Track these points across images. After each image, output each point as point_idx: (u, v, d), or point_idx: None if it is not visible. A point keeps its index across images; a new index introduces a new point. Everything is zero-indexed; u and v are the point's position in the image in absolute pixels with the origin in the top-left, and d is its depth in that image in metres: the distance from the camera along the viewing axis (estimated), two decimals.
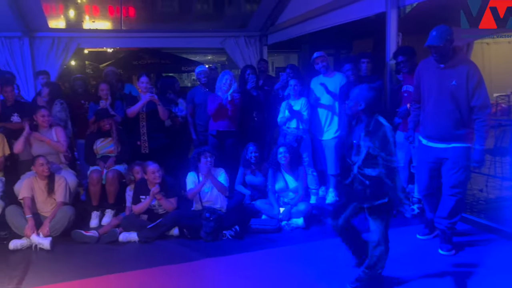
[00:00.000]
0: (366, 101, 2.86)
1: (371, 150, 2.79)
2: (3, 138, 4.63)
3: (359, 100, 2.87)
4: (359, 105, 2.87)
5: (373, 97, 2.88)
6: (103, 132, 4.90)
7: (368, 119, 2.88)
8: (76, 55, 7.44)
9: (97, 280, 3.44)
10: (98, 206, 4.75)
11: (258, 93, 5.47)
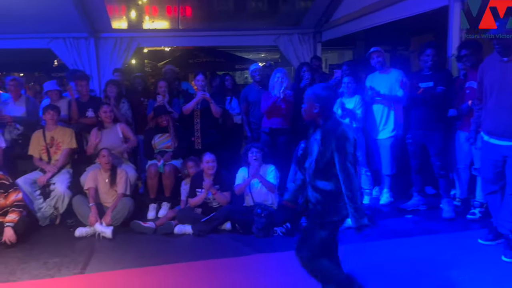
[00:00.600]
0: (321, 102, 2.52)
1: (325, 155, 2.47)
2: (72, 133, 4.98)
3: (313, 102, 2.53)
4: (314, 108, 2.52)
5: (329, 97, 2.56)
6: (161, 128, 5.13)
7: (324, 122, 2.53)
8: (136, 54, 7.78)
9: (154, 270, 3.60)
10: (155, 198, 4.98)
11: None
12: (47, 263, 3.76)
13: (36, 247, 4.14)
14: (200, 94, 5.11)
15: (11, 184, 4.36)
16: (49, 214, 4.70)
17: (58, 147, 4.90)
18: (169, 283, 3.38)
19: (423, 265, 3.48)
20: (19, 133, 5.11)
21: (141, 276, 3.50)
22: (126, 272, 3.59)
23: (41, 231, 4.58)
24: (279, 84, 5.05)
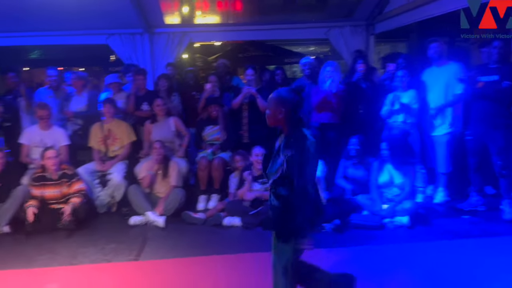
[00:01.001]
0: (287, 106, 2.31)
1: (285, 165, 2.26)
2: (128, 126, 5.20)
3: (278, 106, 2.32)
4: (279, 113, 2.32)
5: (295, 101, 2.33)
6: (212, 120, 5.22)
7: (290, 129, 2.32)
8: (187, 49, 7.94)
9: (204, 260, 3.69)
10: (205, 190, 5.09)
11: (367, 85, 5.27)
12: (104, 248, 3.96)
13: (95, 233, 4.39)
14: (245, 89, 5.18)
15: (74, 174, 4.64)
16: (106, 202, 4.95)
17: (115, 139, 5.14)
18: (218, 274, 3.44)
19: (481, 269, 3.31)
20: (80, 126, 5.40)
21: (191, 266, 3.60)
22: (177, 261, 3.71)
23: (98, 218, 4.84)
24: (329, 78, 4.97)
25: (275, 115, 2.33)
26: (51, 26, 6.49)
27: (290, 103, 2.31)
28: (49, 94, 5.48)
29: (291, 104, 2.31)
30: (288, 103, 2.31)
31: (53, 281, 3.38)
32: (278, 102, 2.33)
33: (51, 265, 3.67)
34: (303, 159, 2.20)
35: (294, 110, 2.32)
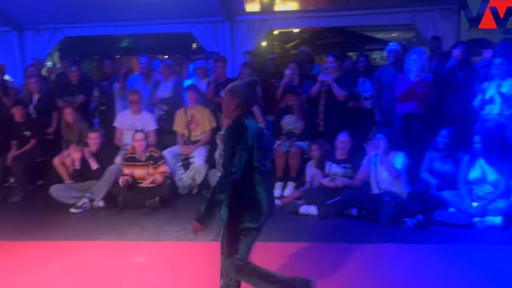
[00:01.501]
0: (239, 100, 2.33)
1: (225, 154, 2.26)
2: (210, 113, 5.38)
3: (231, 98, 2.34)
4: (231, 105, 2.34)
5: (247, 96, 2.34)
6: (290, 109, 5.22)
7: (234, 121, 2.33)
8: (265, 36, 7.96)
9: (279, 245, 3.73)
10: (281, 177, 5.12)
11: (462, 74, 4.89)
12: (186, 228, 4.16)
13: (177, 212, 4.64)
14: (320, 77, 5.10)
15: (160, 156, 4.93)
16: (188, 184, 5.20)
17: (197, 125, 5.35)
18: (292, 261, 3.46)
19: None
20: (165, 112, 5.69)
21: (266, 250, 3.62)
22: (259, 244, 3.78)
23: (181, 199, 5.10)
24: (417, 66, 4.69)
25: (228, 107, 2.38)
26: (140, 16, 6.90)
27: (243, 97, 2.34)
28: (139, 80, 5.84)
29: (244, 98, 2.34)
30: (241, 97, 2.34)
31: (140, 255, 3.64)
32: (232, 95, 2.36)
33: (139, 239, 3.96)
34: (236, 149, 2.21)
35: (246, 104, 2.35)
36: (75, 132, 5.34)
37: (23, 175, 5.18)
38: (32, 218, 4.54)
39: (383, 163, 4.31)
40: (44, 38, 7.17)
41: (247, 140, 2.25)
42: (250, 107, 2.38)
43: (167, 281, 3.15)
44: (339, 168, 4.54)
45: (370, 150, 4.40)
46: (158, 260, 3.53)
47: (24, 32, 7.20)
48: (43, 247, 3.80)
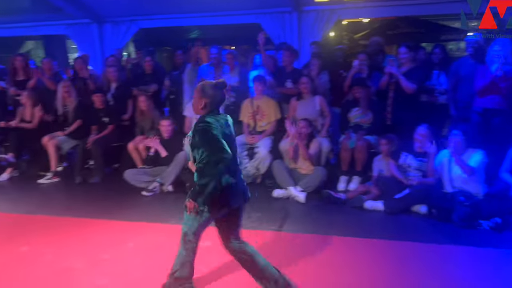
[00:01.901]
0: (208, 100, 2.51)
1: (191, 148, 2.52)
2: (276, 104, 5.40)
3: (200, 98, 2.53)
4: (200, 104, 2.53)
5: (216, 97, 2.54)
6: (358, 101, 5.09)
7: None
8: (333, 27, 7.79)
9: (342, 240, 3.68)
10: (346, 171, 5.03)
11: None
12: (250, 216, 4.24)
13: None
14: (386, 69, 4.90)
15: None
16: (252, 174, 5.28)
17: (263, 115, 5.40)
18: (356, 255, 3.40)
19: None
20: (232, 101, 5.80)
21: (329, 243, 3.63)
22: (317, 237, 3.77)
23: None
24: (498, 58, 4.35)
25: (197, 105, 2.57)
26: (209, 7, 7.06)
27: (211, 98, 2.52)
28: (209, 70, 6.00)
29: (212, 98, 2.52)
30: (210, 97, 2.52)
31: (206, 239, 3.77)
32: (201, 95, 2.54)
33: None
34: (199, 141, 2.43)
35: (212, 103, 2.53)
36: (148, 119, 5.63)
37: (101, 158, 5.58)
38: (108, 199, 4.88)
39: (457, 161, 4.08)
40: (121, 29, 7.60)
41: (214, 131, 2.43)
42: (217, 107, 2.59)
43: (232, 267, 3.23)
44: (414, 161, 4.38)
45: (444, 146, 4.19)
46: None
47: (104, 24, 7.68)
48: (118, 226, 4.07)
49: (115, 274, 3.11)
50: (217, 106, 2.60)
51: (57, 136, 5.71)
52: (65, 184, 5.55)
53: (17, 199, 4.89)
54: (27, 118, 5.97)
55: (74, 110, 5.80)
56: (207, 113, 2.54)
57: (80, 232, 3.93)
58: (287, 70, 5.57)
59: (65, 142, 5.72)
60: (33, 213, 4.44)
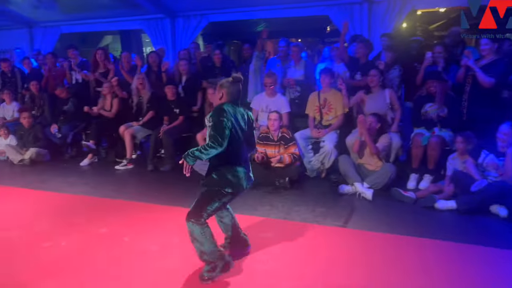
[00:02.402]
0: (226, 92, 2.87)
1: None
2: (345, 98, 5.27)
3: (220, 91, 2.90)
4: (220, 96, 2.89)
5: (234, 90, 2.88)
6: (432, 97, 4.83)
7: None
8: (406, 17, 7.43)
9: (410, 240, 3.53)
10: (417, 169, 4.81)
11: None
12: (315, 211, 4.23)
13: (306, 194, 4.73)
14: (462, 62, 4.59)
15: (291, 138, 5.05)
16: (317, 168, 5.25)
17: (330, 109, 5.33)
18: (424, 257, 3.24)
19: None
20: (297, 95, 5.78)
21: (396, 243, 3.51)
22: (384, 236, 3.66)
23: (309, 181, 5.19)
24: None
25: (216, 97, 2.93)
26: (277, 0, 7.06)
27: (228, 89, 2.88)
28: (277, 63, 6.02)
29: (228, 89, 2.88)
30: (226, 88, 2.88)
31: (270, 231, 3.82)
32: (219, 88, 2.92)
33: (269, 216, 4.15)
34: (216, 126, 2.74)
35: (229, 94, 2.88)
36: None
37: (172, 148, 5.84)
38: (178, 186, 5.10)
39: None
40: (192, 23, 7.87)
41: (227, 121, 2.75)
42: (234, 98, 2.91)
43: (297, 260, 3.25)
44: (496, 161, 4.11)
45: None
46: (288, 238, 3.66)
47: (176, 18, 7.99)
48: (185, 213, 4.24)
49: (185, 258, 3.25)
50: (234, 98, 2.91)
51: (132, 125, 6.08)
52: (138, 171, 5.90)
53: (96, 184, 5.28)
54: (107, 108, 6.41)
55: (148, 102, 6.13)
56: (225, 103, 2.86)
57: (152, 216, 4.16)
58: (361, 62, 5.42)
59: (139, 132, 6.07)
60: (110, 197, 4.78)
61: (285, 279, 2.96)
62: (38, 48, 9.02)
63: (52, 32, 9.17)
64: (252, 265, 3.15)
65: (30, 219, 4.13)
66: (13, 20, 8.92)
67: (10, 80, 7.33)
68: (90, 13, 8.35)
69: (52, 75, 7.08)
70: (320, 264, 3.16)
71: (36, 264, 3.23)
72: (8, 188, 5.19)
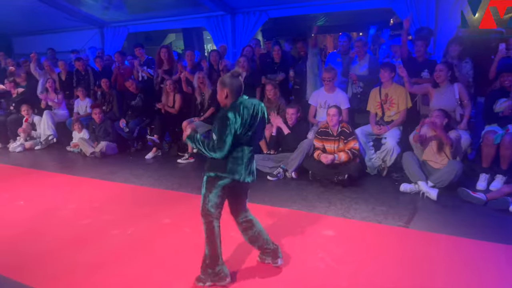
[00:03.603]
0: (228, 89, 2.75)
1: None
2: (406, 92, 5.07)
3: (222, 89, 2.78)
4: (223, 95, 2.77)
5: (234, 85, 2.75)
6: (506, 91, 4.49)
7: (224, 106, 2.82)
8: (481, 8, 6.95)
9: (481, 244, 3.32)
10: (488, 168, 4.51)
11: None
12: (375, 209, 4.12)
13: (365, 192, 4.61)
14: None
15: (351, 132, 4.94)
16: (378, 165, 5.10)
17: (392, 104, 5.14)
18: (497, 263, 3.05)
19: None
20: (360, 90, 5.63)
21: (464, 247, 3.32)
22: (449, 238, 3.48)
23: (369, 179, 5.06)
24: None
25: (221, 97, 2.80)
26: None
27: (230, 86, 2.75)
28: (337, 57, 5.91)
29: (231, 86, 2.75)
30: (229, 85, 2.75)
31: (328, 228, 3.77)
32: (221, 86, 2.78)
33: (327, 213, 4.10)
34: (219, 127, 2.68)
35: (234, 91, 2.75)
36: (275, 107, 5.81)
37: None
38: None
39: None
40: (252, 20, 7.94)
41: (230, 129, 2.66)
42: (238, 94, 2.78)
43: (356, 259, 3.18)
44: None
45: None
46: (346, 236, 3.60)
47: (236, 15, 8.10)
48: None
49: (243, 252, 3.32)
50: (238, 93, 2.79)
51: (194, 121, 6.28)
52: (199, 164, 6.08)
53: (160, 176, 5.53)
54: (170, 104, 6.67)
55: (209, 98, 6.29)
56: (231, 102, 2.76)
57: None
58: (419, 60, 5.17)
59: (200, 127, 6.23)
60: (173, 189, 4.98)
61: (343, 277, 2.92)
62: (108, 47, 9.60)
63: (120, 32, 9.70)
64: (310, 262, 3.14)
65: (100, 207, 4.42)
66: (86, 21, 9.55)
67: (83, 78, 7.85)
68: (155, 12, 8.72)
69: (120, 73, 7.49)
70: (380, 264, 3.08)
71: (107, 249, 3.46)
72: (80, 179, 5.58)
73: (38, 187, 5.30)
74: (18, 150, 7.32)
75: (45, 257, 3.35)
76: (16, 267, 3.20)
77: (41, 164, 6.57)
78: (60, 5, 8.87)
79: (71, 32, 10.13)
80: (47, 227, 3.98)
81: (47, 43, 9.72)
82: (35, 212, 4.36)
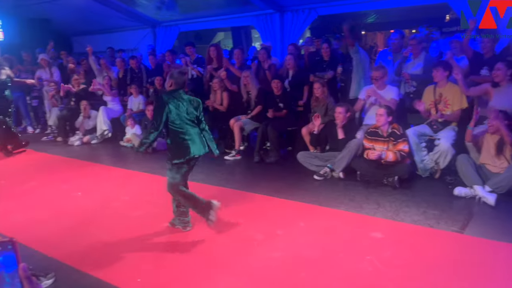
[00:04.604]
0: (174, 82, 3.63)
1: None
2: (461, 93, 4.83)
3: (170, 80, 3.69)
4: (169, 85, 3.68)
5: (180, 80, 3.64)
6: None
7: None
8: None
9: None
10: None
11: None
12: (426, 212, 3.97)
13: (416, 195, 4.46)
14: None
15: (401, 134, 4.79)
16: (430, 167, 4.90)
17: (446, 104, 4.92)
18: None
19: None
20: (413, 90, 5.44)
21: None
22: (508, 246, 3.29)
23: (420, 181, 4.88)
24: None
25: (168, 84, 3.72)
26: None
27: (176, 79, 3.62)
28: (388, 55, 5.75)
29: (176, 80, 3.62)
30: (175, 79, 3.62)
31: (377, 230, 3.68)
32: (170, 77, 3.68)
33: (376, 215, 4.00)
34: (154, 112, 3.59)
35: (177, 84, 3.62)
36: (323, 105, 5.74)
37: (277, 141, 5.97)
38: (282, 179, 5.21)
39: None
40: (301, 17, 7.89)
41: (163, 108, 3.47)
42: (181, 87, 3.64)
43: (405, 263, 3.09)
44: None
45: None
46: (395, 239, 3.50)
47: (285, 13, 8.09)
48: (291, 206, 4.31)
49: (287, 249, 3.32)
50: (180, 86, 3.62)
51: (241, 118, 6.35)
52: (245, 162, 6.14)
53: (209, 172, 5.63)
54: (218, 102, 6.77)
55: (256, 97, 6.33)
56: (172, 91, 3.59)
57: (258, 206, 4.32)
58: (486, 56, 4.91)
59: (248, 124, 6.31)
60: (220, 185, 5.06)
61: (390, 281, 2.84)
62: (159, 46, 9.91)
63: (172, 31, 9.99)
64: (358, 264, 3.08)
65: (151, 201, 4.59)
66: (140, 20, 9.92)
67: (137, 76, 8.17)
68: (204, 11, 8.90)
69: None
70: (430, 270, 2.97)
71: (160, 241, 3.59)
72: (133, 172, 5.82)
73: (94, 179, 5.59)
74: (76, 143, 7.75)
75: (101, 246, 3.52)
76: (75, 255, 3.39)
77: (97, 158, 6.91)
78: (116, 5, 9.29)
79: (126, 31, 10.58)
80: (102, 218, 4.19)
81: (104, 42, 10.21)
82: (92, 203, 4.60)
